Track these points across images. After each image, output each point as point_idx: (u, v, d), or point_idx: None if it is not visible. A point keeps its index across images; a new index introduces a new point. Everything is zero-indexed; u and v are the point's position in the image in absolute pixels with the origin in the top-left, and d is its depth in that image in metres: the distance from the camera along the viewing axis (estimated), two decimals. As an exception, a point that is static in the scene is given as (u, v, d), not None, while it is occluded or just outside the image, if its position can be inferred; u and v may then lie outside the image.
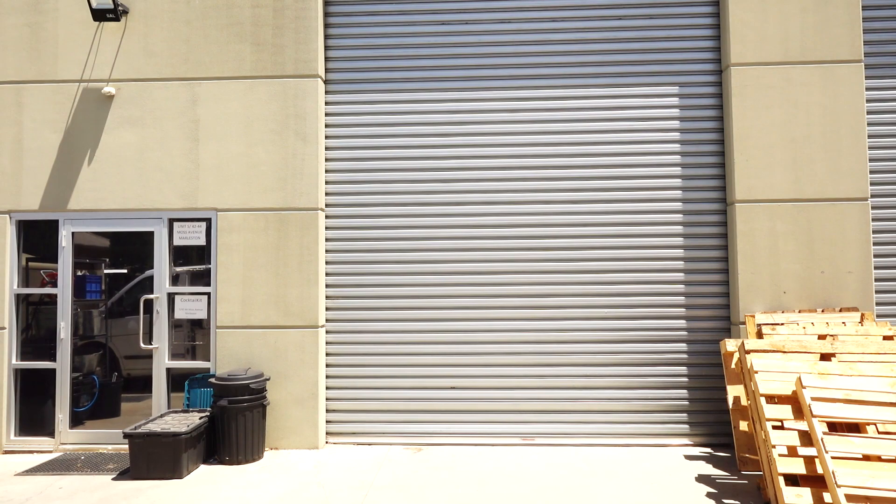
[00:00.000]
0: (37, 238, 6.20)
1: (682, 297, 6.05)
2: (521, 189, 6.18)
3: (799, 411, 4.38)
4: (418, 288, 6.17)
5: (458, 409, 6.09)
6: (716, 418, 5.96)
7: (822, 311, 5.70)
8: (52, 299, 6.13)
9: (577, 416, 6.03)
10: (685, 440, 5.95)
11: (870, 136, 6.03)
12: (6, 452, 6.00)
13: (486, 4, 6.30)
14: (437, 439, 6.06)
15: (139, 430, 5.15)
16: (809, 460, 4.15)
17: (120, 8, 6.04)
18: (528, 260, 6.13)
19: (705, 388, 5.99)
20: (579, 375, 6.04)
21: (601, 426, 6.02)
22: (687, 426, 5.97)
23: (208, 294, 6.05)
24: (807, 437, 4.24)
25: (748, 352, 4.95)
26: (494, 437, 6.05)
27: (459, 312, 6.14)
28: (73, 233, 6.14)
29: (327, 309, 6.21)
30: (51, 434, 6.04)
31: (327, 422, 6.13)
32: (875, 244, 5.99)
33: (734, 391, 5.36)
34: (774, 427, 4.35)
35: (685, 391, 5.99)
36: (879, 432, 4.37)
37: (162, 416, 5.65)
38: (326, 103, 6.31)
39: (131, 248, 6.16)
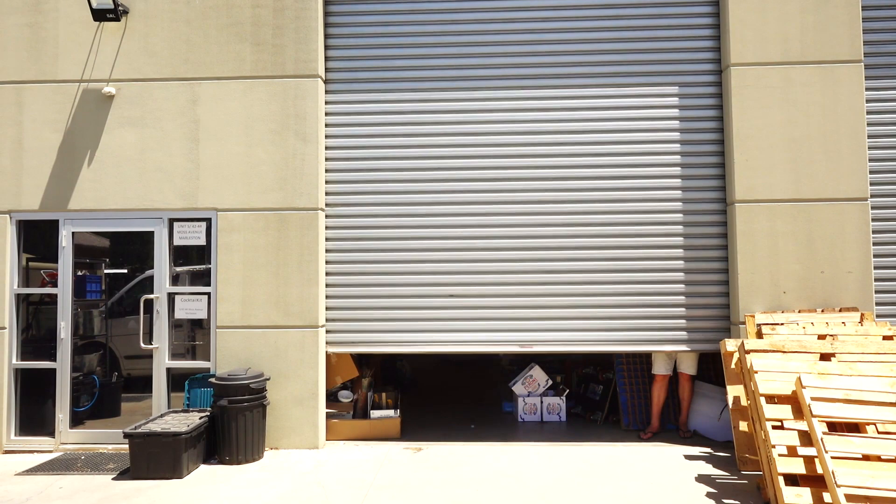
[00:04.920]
0: (37, 238, 6.20)
1: (682, 297, 6.05)
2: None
3: (799, 411, 4.38)
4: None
5: (457, 317, 6.14)
6: (713, 325, 6.04)
7: (822, 311, 5.70)
8: (53, 299, 6.14)
9: (574, 324, 6.10)
10: (682, 346, 6.03)
11: (870, 136, 6.03)
12: (6, 452, 6.01)
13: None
14: (436, 347, 6.14)
15: (139, 430, 5.15)
16: (809, 460, 4.15)
17: (120, 8, 6.04)
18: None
19: (702, 295, 6.06)
20: (579, 283, 6.12)
21: (598, 333, 6.08)
22: (685, 332, 6.05)
23: (208, 294, 6.06)
24: (807, 437, 4.24)
25: (748, 352, 4.95)
26: (493, 344, 6.12)
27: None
28: (73, 233, 6.14)
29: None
30: (51, 434, 6.05)
31: (327, 332, 6.17)
32: (875, 244, 5.98)
33: (734, 391, 5.36)
34: (774, 427, 4.35)
35: (682, 297, 6.06)
36: (879, 432, 4.37)
37: (162, 415, 5.65)
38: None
39: (131, 248, 6.17)
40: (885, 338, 5.19)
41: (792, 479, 4.21)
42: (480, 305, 6.15)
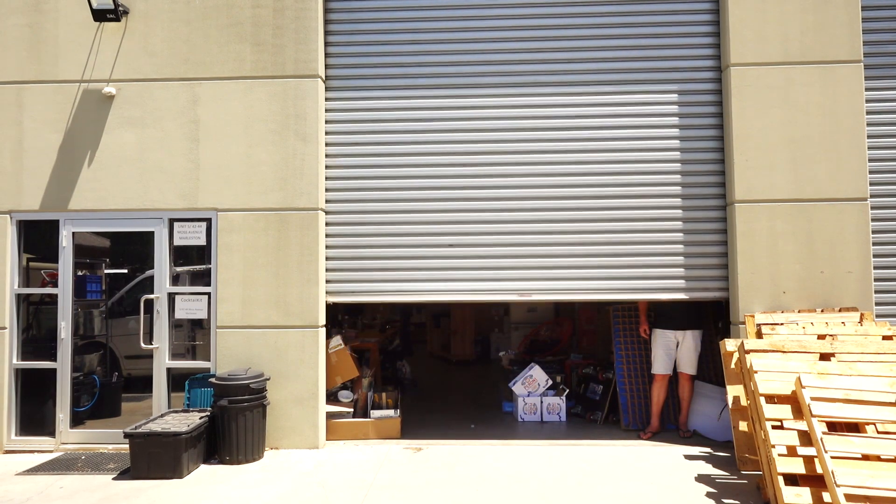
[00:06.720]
0: (37, 238, 6.20)
1: (681, 247, 6.05)
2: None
3: (798, 411, 4.38)
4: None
5: (456, 266, 6.18)
6: (713, 274, 6.08)
7: (822, 311, 5.70)
8: (53, 299, 6.14)
9: (572, 273, 6.13)
10: (680, 295, 6.07)
11: (870, 137, 6.03)
12: (7, 452, 6.01)
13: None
14: (437, 296, 6.19)
15: (140, 430, 5.16)
16: (809, 460, 4.15)
17: (120, 8, 6.04)
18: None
19: (702, 244, 6.09)
20: (577, 232, 6.17)
21: (596, 282, 6.11)
22: (683, 281, 6.08)
23: (208, 294, 6.06)
24: (806, 437, 4.25)
25: (748, 352, 4.95)
26: (493, 293, 6.17)
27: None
28: (73, 233, 6.14)
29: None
30: (51, 434, 6.05)
31: (327, 282, 6.17)
32: (875, 244, 5.98)
33: (734, 391, 5.37)
34: (774, 427, 4.35)
35: (681, 246, 6.08)
36: (879, 432, 4.37)
37: (162, 415, 5.66)
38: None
39: (132, 248, 6.17)
40: (884, 338, 5.19)
41: (792, 479, 4.21)
42: (480, 255, 6.17)
